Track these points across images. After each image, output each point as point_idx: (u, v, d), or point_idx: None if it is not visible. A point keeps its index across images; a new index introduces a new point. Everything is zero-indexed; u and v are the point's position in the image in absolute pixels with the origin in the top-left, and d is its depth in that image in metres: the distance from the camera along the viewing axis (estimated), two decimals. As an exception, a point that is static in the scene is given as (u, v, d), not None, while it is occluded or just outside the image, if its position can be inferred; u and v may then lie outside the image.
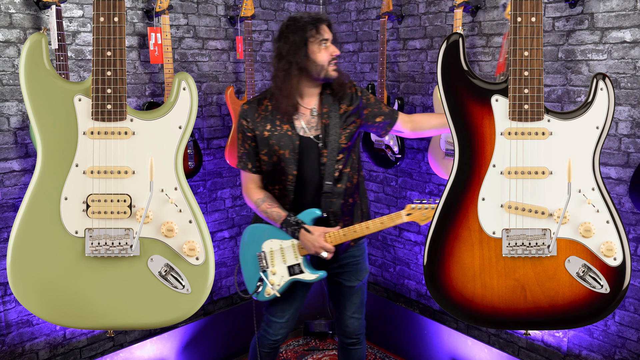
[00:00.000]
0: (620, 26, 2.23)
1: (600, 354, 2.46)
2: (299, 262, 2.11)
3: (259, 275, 2.13)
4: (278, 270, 2.12)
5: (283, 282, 2.12)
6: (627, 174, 2.29)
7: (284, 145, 2.04)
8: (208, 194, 3.13)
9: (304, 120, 2.07)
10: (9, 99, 2.38)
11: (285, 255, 2.12)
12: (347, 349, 2.35)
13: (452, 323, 3.05)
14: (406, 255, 3.25)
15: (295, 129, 2.06)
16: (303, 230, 2.04)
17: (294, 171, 2.06)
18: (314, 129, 2.07)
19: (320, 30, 1.99)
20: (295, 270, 2.11)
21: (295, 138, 2.05)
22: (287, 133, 2.05)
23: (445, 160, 2.70)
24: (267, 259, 2.13)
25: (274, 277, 2.12)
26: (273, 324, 2.24)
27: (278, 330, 2.24)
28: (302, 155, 2.06)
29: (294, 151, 2.04)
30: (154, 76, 2.82)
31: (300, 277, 2.11)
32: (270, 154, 2.08)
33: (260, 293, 2.13)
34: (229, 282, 3.30)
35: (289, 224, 2.05)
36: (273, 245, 2.12)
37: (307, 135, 2.06)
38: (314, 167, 2.07)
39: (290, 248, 2.11)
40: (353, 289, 2.25)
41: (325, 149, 2.04)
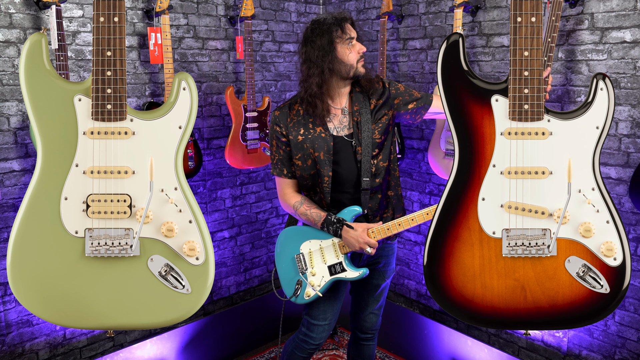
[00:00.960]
0: (620, 26, 2.23)
1: (600, 354, 2.46)
2: (340, 260, 2.09)
3: (298, 278, 2.11)
4: (318, 270, 2.10)
5: (324, 283, 2.10)
6: (627, 174, 2.29)
7: (318, 147, 2.05)
8: (208, 194, 3.13)
9: (336, 120, 2.08)
10: (9, 99, 2.38)
11: (325, 255, 2.11)
12: (361, 344, 2.35)
13: (452, 323, 3.05)
14: (406, 255, 3.25)
15: (329, 130, 2.07)
16: (346, 227, 2.03)
17: (329, 172, 2.06)
18: (346, 128, 2.08)
19: (345, 30, 2.00)
20: (337, 269, 2.09)
21: (329, 139, 2.06)
22: (320, 135, 2.06)
23: (445, 160, 2.70)
24: (306, 260, 2.11)
25: (313, 278, 2.10)
26: (315, 327, 2.20)
27: (321, 334, 2.21)
28: (337, 156, 2.07)
29: (328, 152, 2.05)
30: (154, 76, 2.82)
31: (342, 275, 2.09)
32: (304, 158, 2.08)
33: (299, 296, 2.10)
34: (228, 282, 3.30)
35: (330, 223, 2.04)
36: (312, 246, 2.11)
37: (340, 135, 2.07)
38: (350, 165, 2.07)
39: (330, 247, 2.10)
40: (379, 287, 2.25)
41: (360, 147, 2.05)
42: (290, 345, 2.31)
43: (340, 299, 2.23)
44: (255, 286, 3.47)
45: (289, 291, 2.13)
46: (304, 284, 2.10)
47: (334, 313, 2.21)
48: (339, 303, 2.23)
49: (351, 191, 2.09)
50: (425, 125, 3.03)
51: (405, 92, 2.14)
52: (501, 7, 2.61)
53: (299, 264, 2.11)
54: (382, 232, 2.04)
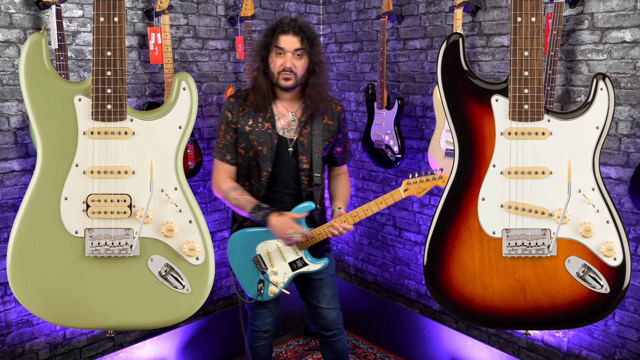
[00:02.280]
0: (620, 26, 2.23)
1: (600, 354, 2.46)
2: (300, 256, 2.15)
3: (259, 278, 2.15)
4: (279, 269, 2.15)
5: (287, 279, 2.16)
6: (627, 174, 2.29)
7: (263, 142, 2.11)
8: (208, 194, 3.13)
9: (284, 120, 2.15)
10: (9, 99, 2.38)
11: (285, 253, 2.15)
12: (329, 342, 2.37)
13: (452, 323, 3.05)
14: (406, 255, 3.25)
15: (276, 129, 2.13)
16: (275, 213, 2.06)
17: (268, 168, 2.12)
18: (293, 131, 2.15)
19: (277, 39, 2.04)
20: (299, 264, 2.15)
21: (274, 137, 2.12)
22: (267, 131, 2.12)
23: (445, 160, 2.70)
24: (265, 260, 2.16)
25: (275, 276, 2.15)
26: (259, 315, 2.29)
27: (265, 320, 2.30)
28: (278, 154, 2.13)
29: (271, 149, 2.11)
30: (154, 76, 2.82)
31: (305, 269, 2.16)
32: (247, 148, 2.13)
33: (264, 294, 2.16)
34: (228, 282, 3.30)
35: (260, 208, 2.07)
36: (268, 246, 2.15)
37: (286, 136, 2.14)
38: (288, 166, 2.15)
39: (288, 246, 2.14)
40: (323, 280, 2.28)
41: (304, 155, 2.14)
42: (250, 341, 2.37)
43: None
44: (255, 286, 3.47)
45: (252, 291, 2.18)
46: (266, 283, 2.15)
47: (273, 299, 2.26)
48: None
49: (284, 190, 2.16)
50: (425, 125, 3.03)
51: (346, 136, 2.29)
52: (501, 7, 2.61)
53: (258, 265, 2.16)
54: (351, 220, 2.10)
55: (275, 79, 2.07)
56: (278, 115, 2.15)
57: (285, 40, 2.03)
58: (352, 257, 3.61)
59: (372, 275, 3.50)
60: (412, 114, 3.07)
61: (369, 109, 3.11)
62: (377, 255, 3.44)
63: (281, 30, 2.04)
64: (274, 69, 2.06)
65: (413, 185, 2.11)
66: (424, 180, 2.11)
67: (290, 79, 2.05)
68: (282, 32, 2.04)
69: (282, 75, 2.05)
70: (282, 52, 2.04)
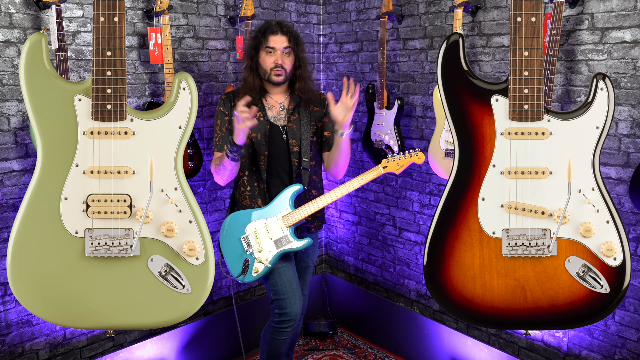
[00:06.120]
0: (620, 26, 2.23)
1: (600, 354, 2.46)
2: (285, 234, 2.25)
3: (245, 257, 2.25)
4: (265, 246, 2.25)
5: (271, 257, 2.25)
6: (627, 174, 2.29)
7: (256, 129, 2.30)
8: (208, 194, 3.13)
9: (274, 110, 2.37)
10: (9, 99, 2.38)
11: (271, 231, 2.26)
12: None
13: (452, 323, 3.05)
14: (406, 255, 3.25)
15: (267, 117, 2.34)
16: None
17: (265, 152, 2.32)
18: (282, 119, 2.36)
19: (268, 39, 2.26)
20: (283, 242, 2.25)
21: (266, 124, 2.33)
22: (259, 119, 2.31)
23: (445, 160, 2.70)
24: (251, 240, 2.26)
25: (260, 254, 2.24)
26: (285, 300, 2.29)
27: (294, 305, 2.29)
28: (272, 139, 2.33)
29: (264, 134, 2.31)
30: (154, 76, 2.82)
31: (289, 246, 2.25)
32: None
33: (248, 273, 2.24)
34: (228, 282, 3.30)
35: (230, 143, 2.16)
36: (257, 225, 2.27)
37: (277, 124, 2.35)
38: (281, 150, 2.34)
39: (274, 223, 2.25)
40: (308, 268, 2.51)
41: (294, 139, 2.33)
42: (267, 334, 2.39)
43: (294, 266, 2.39)
44: (255, 286, 3.47)
45: (236, 271, 2.27)
46: (252, 261, 2.24)
47: (296, 281, 2.34)
48: (294, 271, 2.37)
49: (280, 172, 2.35)
50: (425, 125, 3.03)
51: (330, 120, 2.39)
52: (501, 7, 2.61)
53: (245, 244, 2.26)
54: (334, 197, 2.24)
55: (267, 75, 2.29)
56: (268, 106, 2.36)
57: (275, 40, 2.27)
58: (352, 257, 3.61)
59: (372, 275, 3.50)
60: (412, 114, 3.07)
61: (369, 109, 3.12)
62: (377, 255, 3.44)
63: (271, 31, 2.27)
64: (265, 67, 2.29)
65: (392, 162, 2.29)
66: (401, 158, 2.30)
67: (281, 74, 2.29)
68: (272, 32, 2.27)
69: (274, 72, 2.28)
70: (273, 51, 2.27)
